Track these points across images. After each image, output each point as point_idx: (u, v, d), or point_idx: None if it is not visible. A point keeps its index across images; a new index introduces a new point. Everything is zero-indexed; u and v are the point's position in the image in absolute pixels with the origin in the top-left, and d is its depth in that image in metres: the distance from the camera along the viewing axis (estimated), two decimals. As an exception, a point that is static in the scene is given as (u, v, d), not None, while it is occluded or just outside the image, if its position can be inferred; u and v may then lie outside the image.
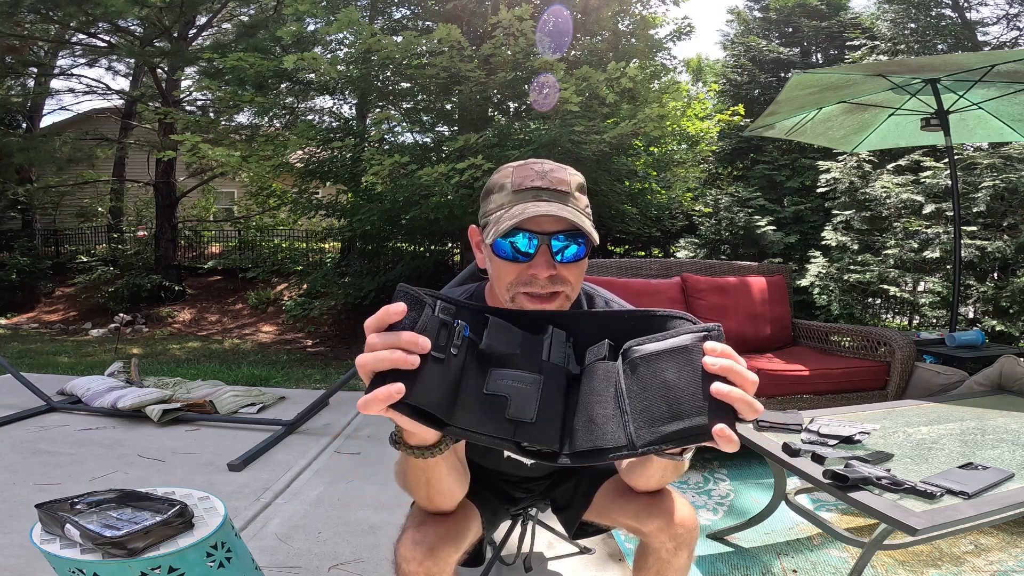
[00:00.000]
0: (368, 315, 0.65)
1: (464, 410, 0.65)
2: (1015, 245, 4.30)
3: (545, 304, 0.89)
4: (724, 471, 2.47)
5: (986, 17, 8.56)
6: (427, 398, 0.62)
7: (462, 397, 0.66)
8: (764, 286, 3.10)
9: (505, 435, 0.66)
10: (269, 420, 3.00)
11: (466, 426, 0.65)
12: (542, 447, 0.67)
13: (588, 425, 0.68)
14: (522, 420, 0.67)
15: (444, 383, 0.64)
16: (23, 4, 7.32)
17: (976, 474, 1.39)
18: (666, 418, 0.64)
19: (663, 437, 0.64)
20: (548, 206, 0.86)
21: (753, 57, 8.04)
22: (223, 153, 5.69)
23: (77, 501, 1.27)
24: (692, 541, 1.03)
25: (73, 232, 11.65)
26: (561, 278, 0.89)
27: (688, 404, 0.63)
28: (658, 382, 0.66)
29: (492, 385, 0.67)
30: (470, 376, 0.67)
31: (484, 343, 0.68)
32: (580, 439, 0.68)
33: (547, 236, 0.87)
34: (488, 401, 0.67)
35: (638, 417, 0.66)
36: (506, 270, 0.89)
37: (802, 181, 6.35)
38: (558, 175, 0.90)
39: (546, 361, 0.70)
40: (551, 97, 4.92)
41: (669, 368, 0.66)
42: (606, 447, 0.66)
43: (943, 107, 3.06)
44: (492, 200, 0.92)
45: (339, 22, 4.99)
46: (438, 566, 0.92)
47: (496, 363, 0.69)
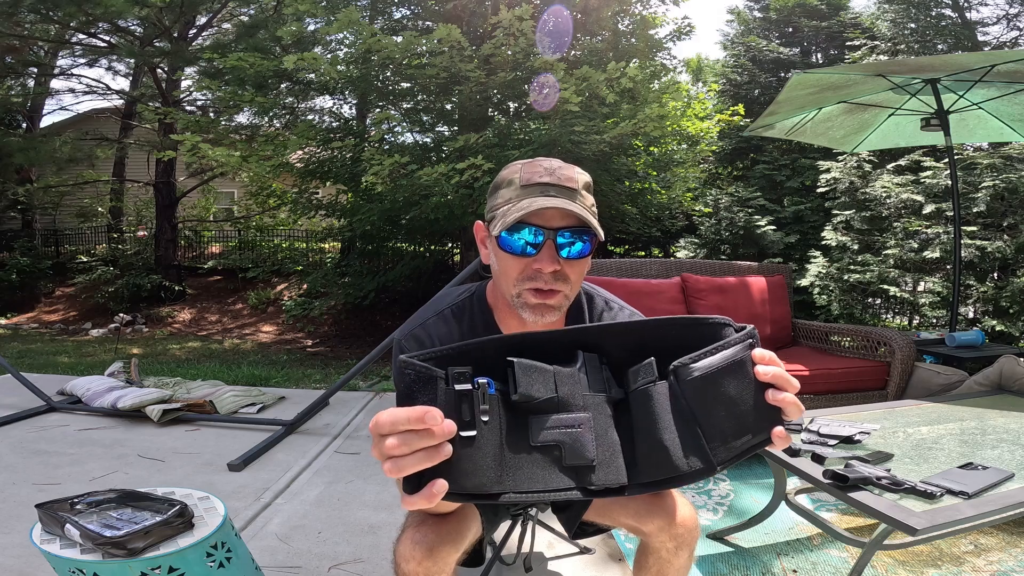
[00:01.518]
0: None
1: (516, 472, 0.60)
2: (1015, 245, 4.30)
3: (547, 299, 0.90)
4: (724, 471, 2.47)
5: (986, 17, 8.57)
6: (473, 481, 0.57)
7: (509, 459, 0.60)
8: (764, 286, 3.10)
9: (569, 485, 0.62)
10: (269, 420, 3.00)
11: (523, 488, 0.59)
12: (610, 484, 0.64)
13: (658, 452, 0.64)
14: (583, 466, 0.62)
15: (485, 458, 0.58)
16: (23, 4, 7.32)
17: (976, 474, 1.39)
18: (735, 433, 0.63)
19: (738, 453, 0.63)
20: (555, 200, 0.86)
21: (753, 57, 8.05)
22: (223, 153, 5.69)
23: (77, 501, 1.27)
24: (693, 541, 1.03)
25: (73, 232, 11.65)
26: (564, 275, 0.89)
27: (751, 416, 0.63)
28: (723, 399, 0.63)
29: (539, 436, 0.61)
30: (510, 432, 0.61)
31: (520, 393, 0.61)
32: (649, 467, 0.64)
33: (553, 231, 0.87)
34: (539, 453, 0.61)
35: (713, 437, 0.63)
36: (511, 264, 0.90)
37: (802, 181, 6.35)
38: (566, 172, 0.91)
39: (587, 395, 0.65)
40: (551, 97, 4.91)
41: (730, 383, 0.63)
42: (684, 471, 0.63)
43: (943, 107, 3.06)
44: (500, 195, 0.93)
45: (339, 22, 4.99)
46: (437, 566, 0.92)
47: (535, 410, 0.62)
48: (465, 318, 1.02)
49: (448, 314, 1.02)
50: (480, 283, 1.07)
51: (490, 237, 0.94)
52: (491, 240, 0.93)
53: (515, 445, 0.61)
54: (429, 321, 1.00)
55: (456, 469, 0.56)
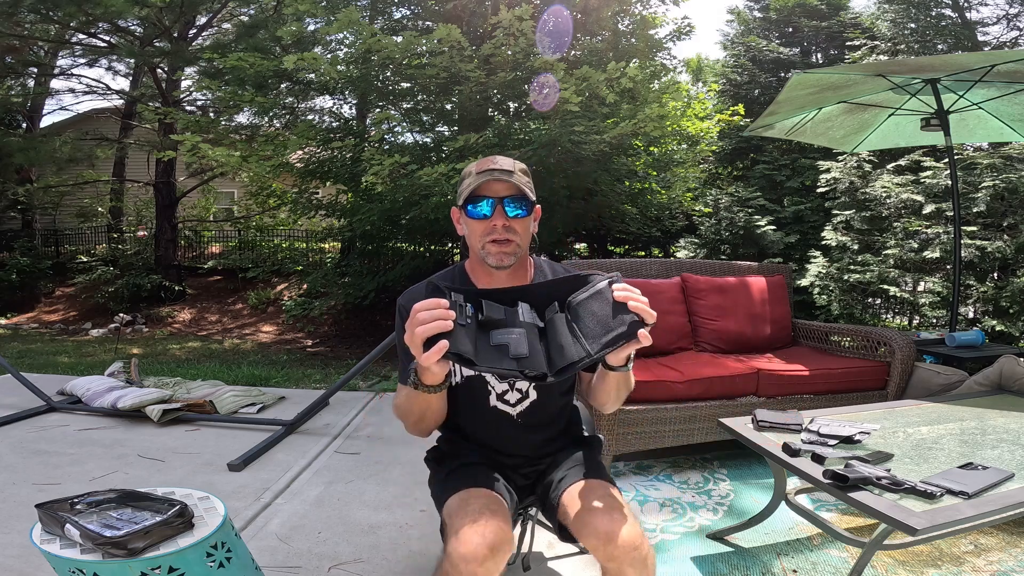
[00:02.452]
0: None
1: (483, 355, 1.00)
2: (1015, 245, 4.30)
3: (503, 247, 1.22)
4: (724, 471, 2.47)
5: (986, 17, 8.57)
6: (464, 347, 0.97)
7: (480, 348, 1.00)
8: (764, 286, 3.10)
9: (513, 368, 1.00)
10: (269, 420, 3.00)
11: (488, 364, 0.99)
12: (536, 372, 1.01)
13: (559, 351, 1.04)
14: (520, 356, 1.01)
15: (469, 340, 0.98)
16: (23, 4, 7.32)
17: (976, 474, 1.39)
18: (601, 333, 1.04)
19: (605, 344, 1.03)
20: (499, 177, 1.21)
21: (753, 57, 8.05)
22: (223, 153, 5.68)
23: (77, 501, 1.26)
24: (635, 561, 1.05)
25: (73, 232, 11.65)
26: (512, 228, 1.22)
27: (610, 322, 1.04)
28: (589, 313, 1.06)
29: (495, 339, 1.02)
30: (480, 335, 1.02)
31: (484, 315, 1.04)
32: (556, 361, 1.03)
33: (500, 199, 1.21)
34: (496, 349, 1.01)
35: (587, 337, 1.05)
36: (476, 226, 1.23)
37: (802, 181, 6.35)
38: (506, 162, 1.24)
39: (523, 321, 1.06)
40: (551, 97, 4.91)
41: (593, 304, 1.07)
42: (574, 360, 1.03)
43: (943, 107, 3.06)
44: (464, 183, 1.27)
45: (339, 22, 4.99)
46: (496, 565, 1.01)
47: (492, 327, 1.04)
48: (448, 279, 1.31)
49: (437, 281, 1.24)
50: (460, 263, 1.38)
51: (461, 213, 1.26)
52: (462, 214, 1.26)
53: (483, 342, 1.02)
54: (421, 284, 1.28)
55: (455, 341, 0.95)
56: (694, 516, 2.06)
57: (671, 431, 2.38)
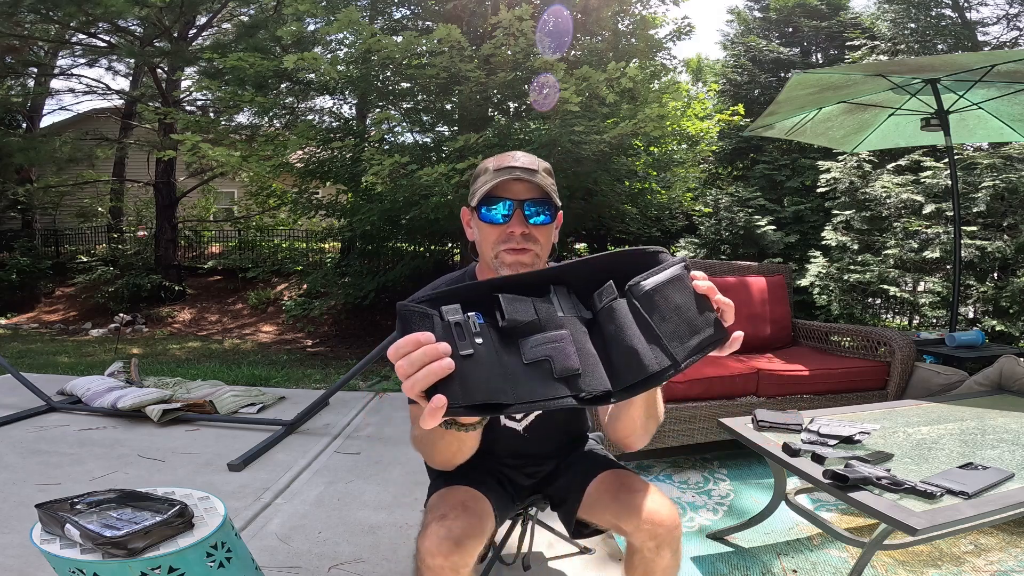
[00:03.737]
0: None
1: (515, 385, 0.68)
2: (1015, 245, 4.30)
3: (520, 256, 1.05)
4: (724, 471, 2.47)
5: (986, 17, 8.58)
6: (482, 392, 0.65)
7: (508, 374, 0.68)
8: (764, 286, 3.10)
9: (562, 394, 0.69)
10: (269, 420, 3.00)
11: (526, 399, 0.68)
12: (597, 392, 0.71)
13: (630, 358, 0.73)
14: (571, 373, 0.70)
15: (487, 372, 0.67)
16: (23, 4, 7.32)
17: (976, 474, 1.39)
18: (688, 334, 0.74)
19: (693, 349, 0.74)
20: (520, 176, 1.05)
21: (753, 57, 8.04)
22: (223, 153, 5.68)
23: (77, 501, 1.26)
24: (673, 541, 1.05)
25: (73, 232, 11.64)
26: (532, 237, 1.06)
27: (697, 320, 0.75)
28: (672, 306, 0.75)
29: (529, 353, 0.70)
30: (504, 355, 0.70)
31: (505, 320, 0.71)
32: (626, 373, 0.73)
33: (520, 202, 1.06)
34: (533, 369, 0.70)
35: (671, 339, 0.73)
36: (490, 231, 1.07)
37: (802, 181, 6.35)
38: (528, 158, 1.09)
39: (563, 316, 0.75)
40: (551, 97, 4.91)
41: (675, 294, 0.76)
42: (654, 371, 0.72)
43: (943, 107, 3.06)
44: (479, 181, 1.11)
45: (339, 22, 4.99)
46: (463, 560, 0.96)
47: (520, 334, 0.72)
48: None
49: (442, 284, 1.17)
50: (469, 265, 1.24)
51: (472, 215, 1.11)
52: (473, 216, 1.10)
53: (511, 365, 0.69)
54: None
55: (464, 384, 0.64)
56: (694, 516, 2.06)
57: (671, 431, 2.38)
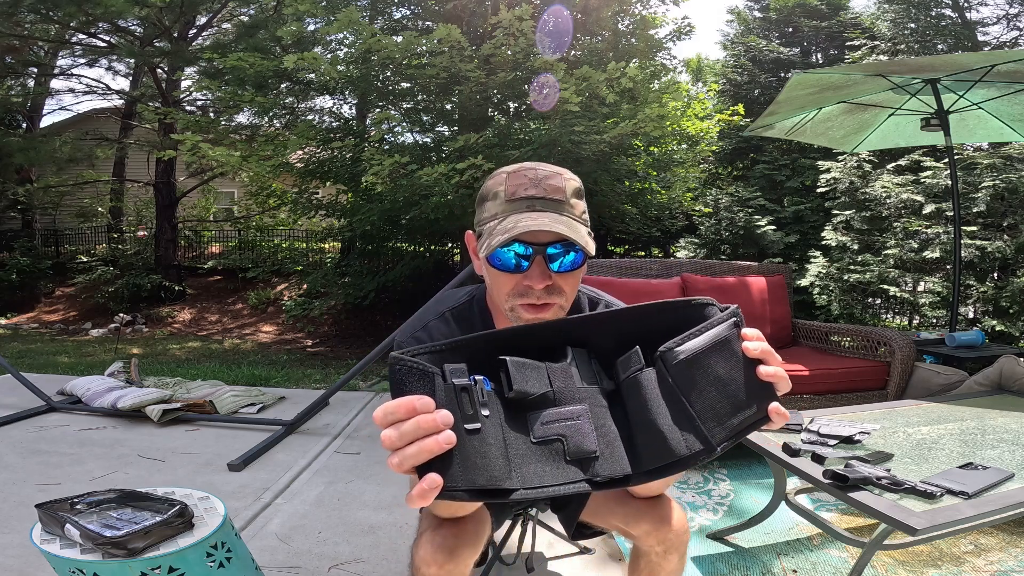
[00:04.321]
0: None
1: (522, 468, 0.59)
2: (1015, 245, 4.30)
3: (540, 313, 0.87)
4: (724, 471, 2.47)
5: (986, 17, 8.57)
6: (485, 475, 0.56)
7: (513, 455, 0.59)
8: (764, 286, 3.10)
9: (575, 477, 0.61)
10: (269, 420, 3.00)
11: (532, 484, 0.58)
12: (615, 475, 0.63)
13: (655, 438, 0.63)
14: (587, 455, 0.62)
15: (493, 451, 0.57)
16: (23, 4, 7.32)
17: (976, 474, 1.39)
18: (730, 412, 0.63)
19: (734, 431, 0.63)
20: (542, 218, 0.83)
21: (753, 57, 8.04)
22: (223, 153, 5.69)
23: (77, 501, 1.27)
24: (682, 545, 1.03)
25: (73, 232, 11.65)
26: (557, 288, 0.87)
27: (743, 393, 0.63)
28: (712, 379, 0.64)
29: (539, 431, 0.61)
30: (511, 430, 0.60)
31: (515, 390, 0.61)
32: (649, 455, 0.64)
33: (542, 247, 0.84)
34: (542, 449, 0.61)
35: (707, 418, 0.63)
36: (502, 281, 0.88)
37: (802, 181, 6.35)
38: (553, 182, 0.86)
39: (581, 387, 0.65)
40: (551, 97, 4.91)
41: (718, 363, 0.64)
42: (683, 455, 0.62)
43: (943, 107, 3.06)
44: (486, 208, 0.89)
45: (339, 22, 4.99)
46: (459, 568, 0.93)
47: (530, 407, 0.62)
48: (465, 321, 1.00)
49: (449, 317, 1.01)
50: (480, 286, 1.04)
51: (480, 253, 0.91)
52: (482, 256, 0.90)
53: (517, 442, 0.60)
54: (431, 323, 0.99)
55: (465, 464, 0.55)
56: (694, 516, 2.06)
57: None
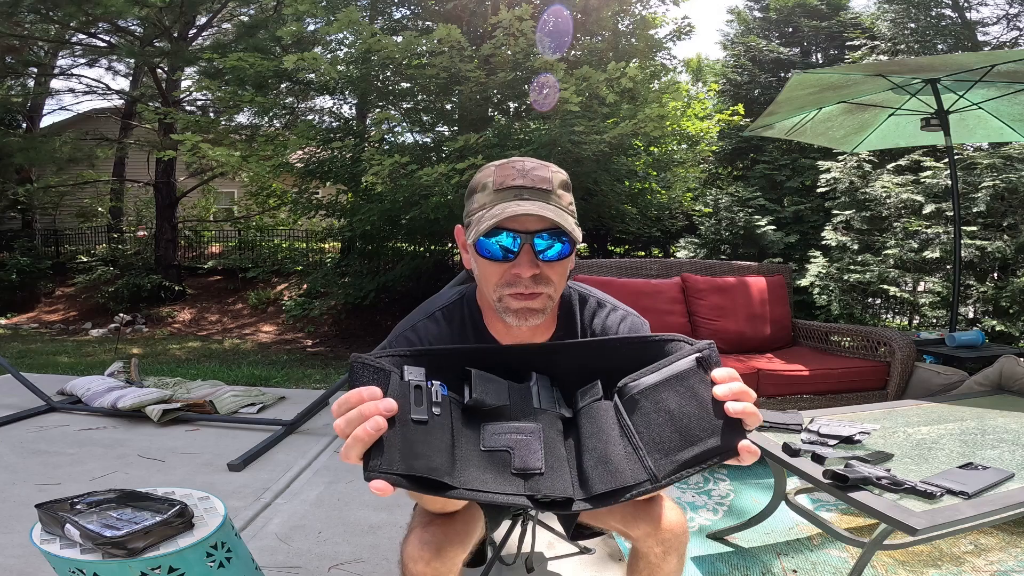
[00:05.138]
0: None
1: (464, 469, 0.62)
2: (1015, 245, 4.30)
3: (528, 302, 0.88)
4: (724, 471, 2.47)
5: (986, 17, 8.57)
6: (424, 463, 0.58)
7: (459, 456, 0.62)
8: (764, 286, 3.10)
9: (516, 490, 0.63)
10: (269, 420, 3.00)
11: (472, 486, 0.61)
12: (556, 496, 0.64)
13: (602, 466, 0.65)
14: (531, 472, 0.64)
15: (437, 445, 0.60)
16: (23, 4, 7.32)
17: (976, 474, 1.39)
18: (679, 446, 0.64)
19: (683, 464, 0.64)
20: (529, 205, 0.84)
21: (753, 57, 8.04)
22: (223, 153, 5.69)
23: (77, 501, 1.26)
24: (681, 546, 1.03)
25: (73, 232, 11.65)
26: (544, 277, 0.87)
27: (697, 428, 0.64)
28: (662, 413, 0.66)
29: (489, 440, 0.64)
30: (462, 434, 0.63)
31: (472, 398, 0.65)
32: (596, 481, 0.65)
33: (530, 235, 0.85)
34: (488, 457, 0.63)
35: (652, 450, 0.65)
36: (490, 270, 0.89)
37: (802, 181, 6.35)
38: (539, 173, 0.88)
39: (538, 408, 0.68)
40: (551, 97, 4.91)
41: (670, 398, 0.66)
42: (627, 485, 0.64)
43: (943, 107, 3.06)
44: (475, 200, 0.91)
45: (339, 22, 5.00)
46: (446, 566, 0.93)
47: (486, 417, 0.65)
48: (455, 320, 1.01)
49: (439, 316, 1.02)
50: (471, 284, 1.05)
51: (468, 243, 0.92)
52: (470, 246, 0.91)
53: (466, 447, 0.63)
54: (419, 323, 1.01)
55: (406, 451, 0.58)
56: (694, 516, 2.06)
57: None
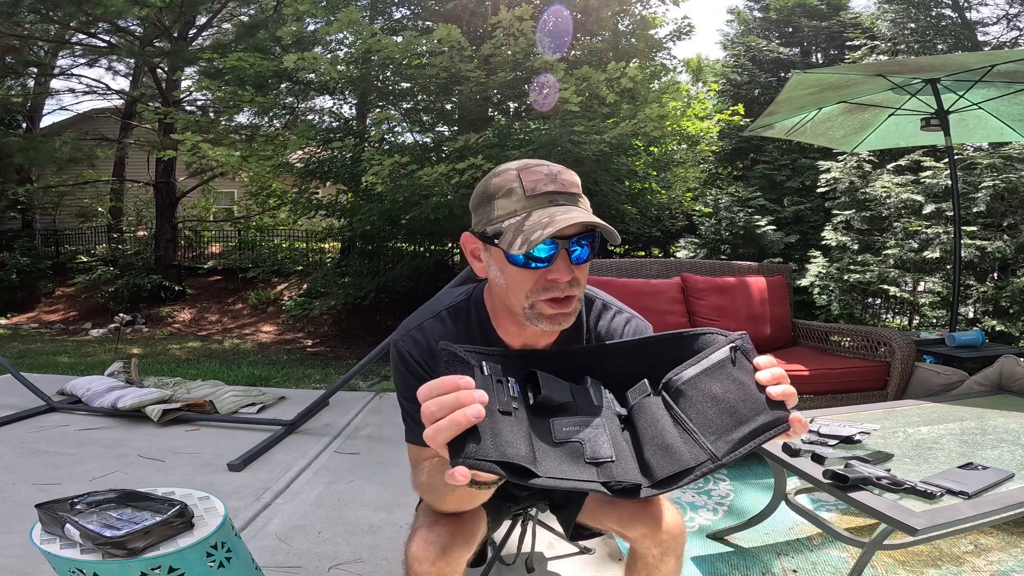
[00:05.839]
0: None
1: (543, 459, 0.66)
2: (1015, 245, 4.30)
3: (563, 308, 0.88)
4: (724, 471, 2.47)
5: (986, 17, 8.57)
6: (514, 450, 0.63)
7: (537, 447, 0.66)
8: (764, 286, 3.10)
9: (591, 477, 0.68)
10: (269, 420, 3.00)
11: (554, 474, 0.66)
12: (627, 483, 0.69)
13: (664, 453, 0.71)
14: (603, 460, 0.69)
15: (521, 436, 0.65)
16: (23, 4, 7.32)
17: (976, 474, 1.39)
18: (731, 426, 0.70)
19: (738, 442, 0.70)
20: (574, 212, 0.84)
21: (753, 57, 8.04)
22: (223, 153, 5.69)
23: (77, 501, 1.26)
24: (678, 547, 1.03)
25: (73, 232, 11.65)
26: (577, 281, 0.88)
27: (744, 409, 0.70)
28: (708, 399, 0.73)
29: (560, 433, 0.69)
30: (535, 428, 0.68)
31: (543, 395, 0.70)
32: (659, 467, 0.70)
33: (566, 240, 0.85)
34: (562, 449, 0.68)
35: (707, 432, 0.71)
36: (524, 278, 0.86)
37: (802, 181, 6.35)
38: (567, 177, 0.88)
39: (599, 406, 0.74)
40: (551, 97, 4.91)
41: (713, 385, 0.73)
42: (689, 466, 0.70)
43: (943, 107, 3.06)
44: (499, 206, 0.87)
45: (339, 22, 5.00)
46: (451, 566, 0.94)
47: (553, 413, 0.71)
48: (462, 320, 1.00)
49: (445, 315, 1.01)
50: (477, 285, 1.04)
51: (488, 250, 0.90)
52: (494, 252, 0.88)
53: (542, 439, 0.68)
54: (426, 323, 0.99)
55: (497, 439, 0.62)
56: (694, 516, 2.06)
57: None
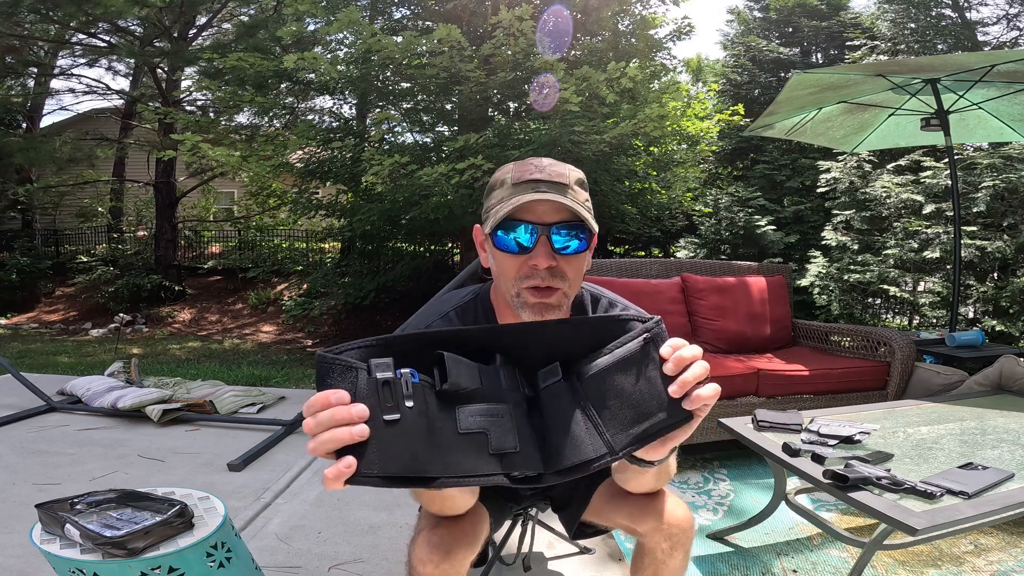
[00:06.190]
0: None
1: (446, 455, 0.63)
2: (1015, 245, 4.30)
3: (545, 298, 0.89)
4: (724, 471, 2.47)
5: (986, 17, 8.57)
6: (403, 463, 0.60)
7: (438, 443, 0.63)
8: (764, 286, 3.10)
9: (495, 470, 0.66)
10: (269, 420, 3.00)
11: (453, 472, 0.63)
12: (529, 472, 0.68)
13: (567, 441, 0.70)
14: (506, 451, 0.67)
15: (413, 439, 0.62)
16: (23, 4, 7.33)
17: (976, 474, 1.39)
18: (632, 421, 0.69)
19: (636, 437, 0.69)
20: (546, 195, 0.86)
21: (753, 57, 8.04)
22: (223, 153, 5.68)
23: (77, 501, 1.26)
24: (687, 542, 1.04)
25: (73, 232, 11.65)
26: (560, 272, 0.89)
27: (647, 404, 0.69)
28: (616, 392, 0.70)
29: (465, 423, 0.66)
30: (437, 419, 0.64)
31: (448, 384, 0.66)
32: (563, 456, 0.69)
33: (547, 227, 0.87)
34: (466, 440, 0.65)
35: (610, 425, 0.70)
36: (508, 263, 0.90)
37: (802, 181, 6.35)
38: (556, 168, 0.91)
39: (505, 389, 0.70)
40: (551, 97, 4.91)
41: (622, 378, 0.70)
42: (590, 458, 0.69)
43: (943, 107, 3.06)
44: (493, 196, 0.93)
45: (339, 22, 4.99)
46: (455, 568, 0.93)
47: (459, 400, 0.67)
48: (469, 320, 1.01)
49: (453, 316, 1.01)
50: (484, 284, 1.06)
51: (487, 238, 0.93)
52: (487, 240, 0.93)
53: (443, 433, 0.64)
54: (434, 324, 1.00)
55: (382, 452, 0.60)
56: (694, 516, 2.06)
57: (671, 431, 2.38)
